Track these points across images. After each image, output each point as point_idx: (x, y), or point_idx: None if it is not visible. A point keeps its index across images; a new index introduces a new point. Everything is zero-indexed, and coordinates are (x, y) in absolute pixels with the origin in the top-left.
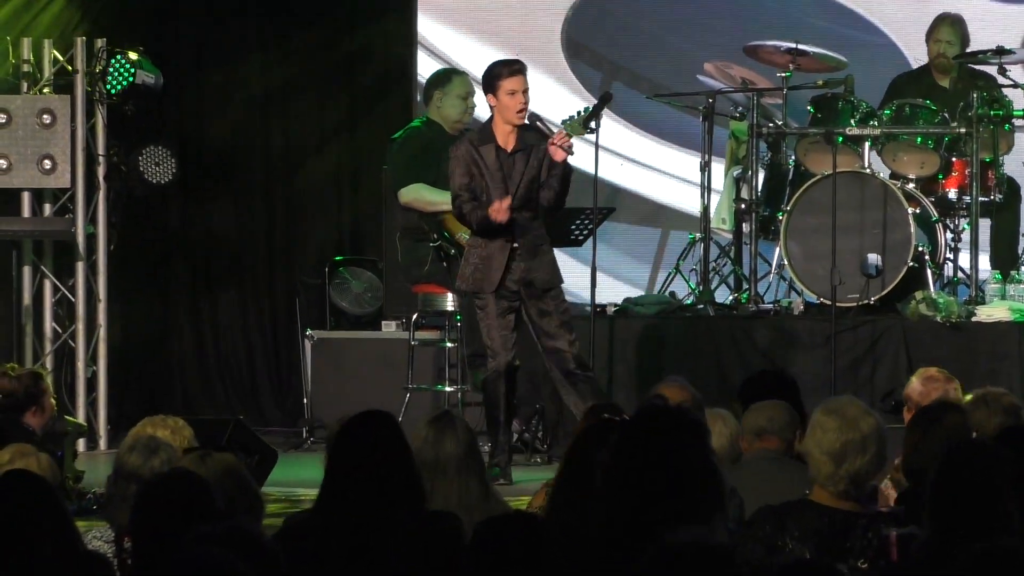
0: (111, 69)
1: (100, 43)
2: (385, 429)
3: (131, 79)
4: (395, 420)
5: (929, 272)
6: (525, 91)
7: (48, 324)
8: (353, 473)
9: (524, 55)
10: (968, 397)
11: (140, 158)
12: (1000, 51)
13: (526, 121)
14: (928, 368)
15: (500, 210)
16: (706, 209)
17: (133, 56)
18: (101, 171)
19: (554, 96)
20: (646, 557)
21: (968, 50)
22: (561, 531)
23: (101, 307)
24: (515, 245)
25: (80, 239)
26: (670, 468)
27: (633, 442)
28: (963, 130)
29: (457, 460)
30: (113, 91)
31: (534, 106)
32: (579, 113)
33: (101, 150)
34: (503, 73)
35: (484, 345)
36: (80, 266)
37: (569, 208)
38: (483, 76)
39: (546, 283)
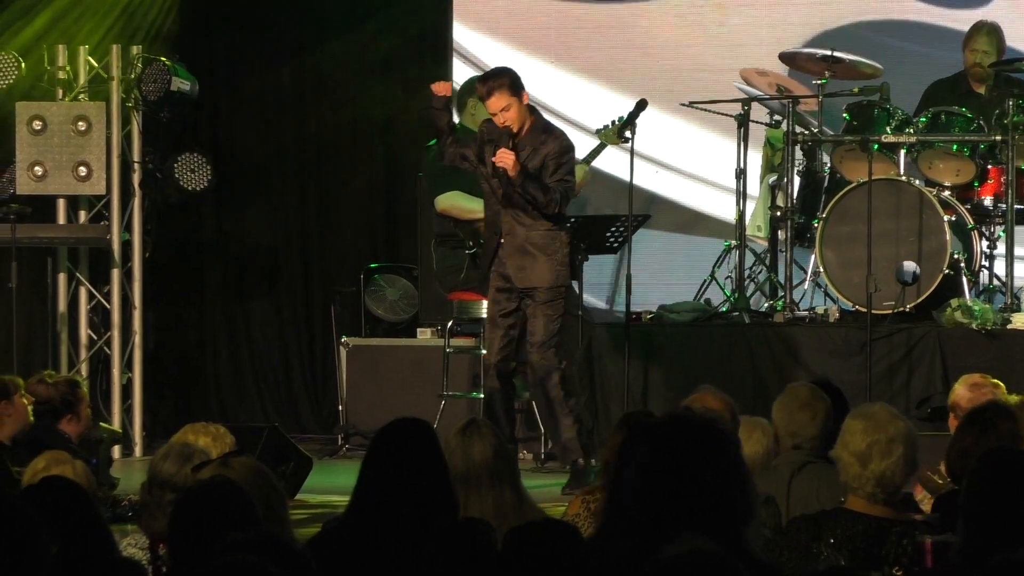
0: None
1: (136, 50)
2: (420, 437)
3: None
4: (431, 428)
5: (964, 279)
6: (502, 110)
7: (83, 331)
8: (387, 480)
9: (559, 60)
10: (1014, 398)
11: (175, 165)
12: None
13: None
14: (972, 375)
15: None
16: (741, 216)
17: (169, 63)
18: (136, 178)
19: (590, 101)
20: (647, 568)
21: (1004, 58)
22: (606, 546)
23: (136, 314)
24: (501, 241)
25: (115, 246)
26: (700, 479)
27: (662, 453)
28: (999, 137)
29: (488, 467)
30: (150, 98)
31: (573, 109)
32: (614, 122)
33: (136, 157)
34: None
35: (519, 353)
36: (115, 273)
37: (604, 215)
38: (516, 79)
39: (525, 283)
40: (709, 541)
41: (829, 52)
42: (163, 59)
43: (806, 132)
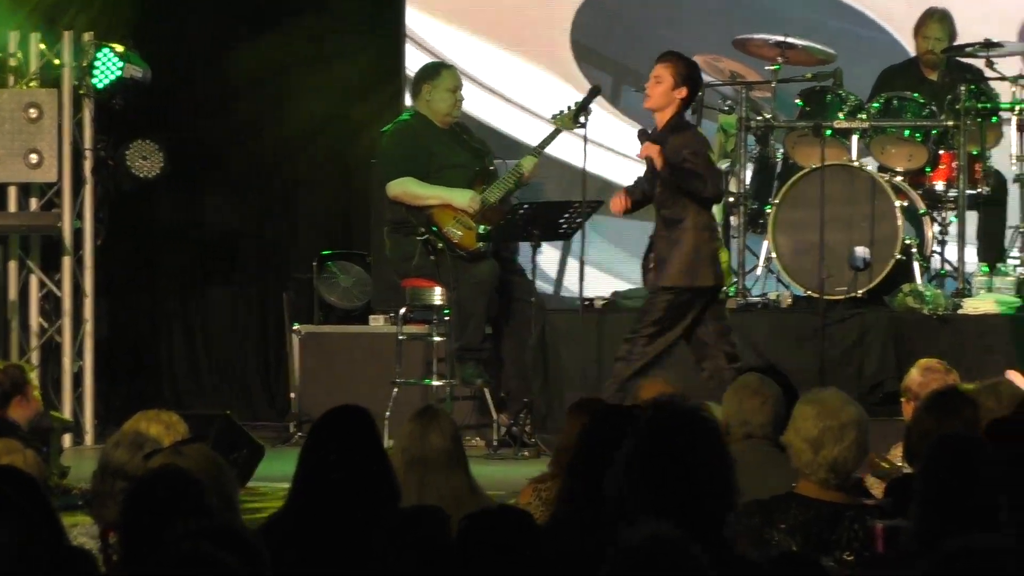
0: (98, 63)
1: (87, 37)
2: (358, 424)
3: (119, 73)
4: (369, 415)
5: (916, 265)
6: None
7: (34, 319)
8: (326, 468)
9: (514, 47)
10: (971, 387)
11: (128, 152)
12: (988, 44)
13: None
14: (928, 359)
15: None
16: None
17: (121, 50)
18: (88, 165)
19: (545, 87)
20: (610, 555)
21: (956, 43)
22: (568, 531)
23: (88, 302)
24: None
25: (67, 234)
26: (686, 467)
27: (647, 441)
28: (951, 123)
29: (445, 453)
30: (100, 85)
31: (527, 96)
32: (569, 107)
33: (88, 144)
34: None
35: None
36: (67, 261)
37: (557, 201)
38: (689, 74)
39: (653, 280)
40: (670, 525)
41: (782, 38)
42: (116, 45)
43: (759, 118)
